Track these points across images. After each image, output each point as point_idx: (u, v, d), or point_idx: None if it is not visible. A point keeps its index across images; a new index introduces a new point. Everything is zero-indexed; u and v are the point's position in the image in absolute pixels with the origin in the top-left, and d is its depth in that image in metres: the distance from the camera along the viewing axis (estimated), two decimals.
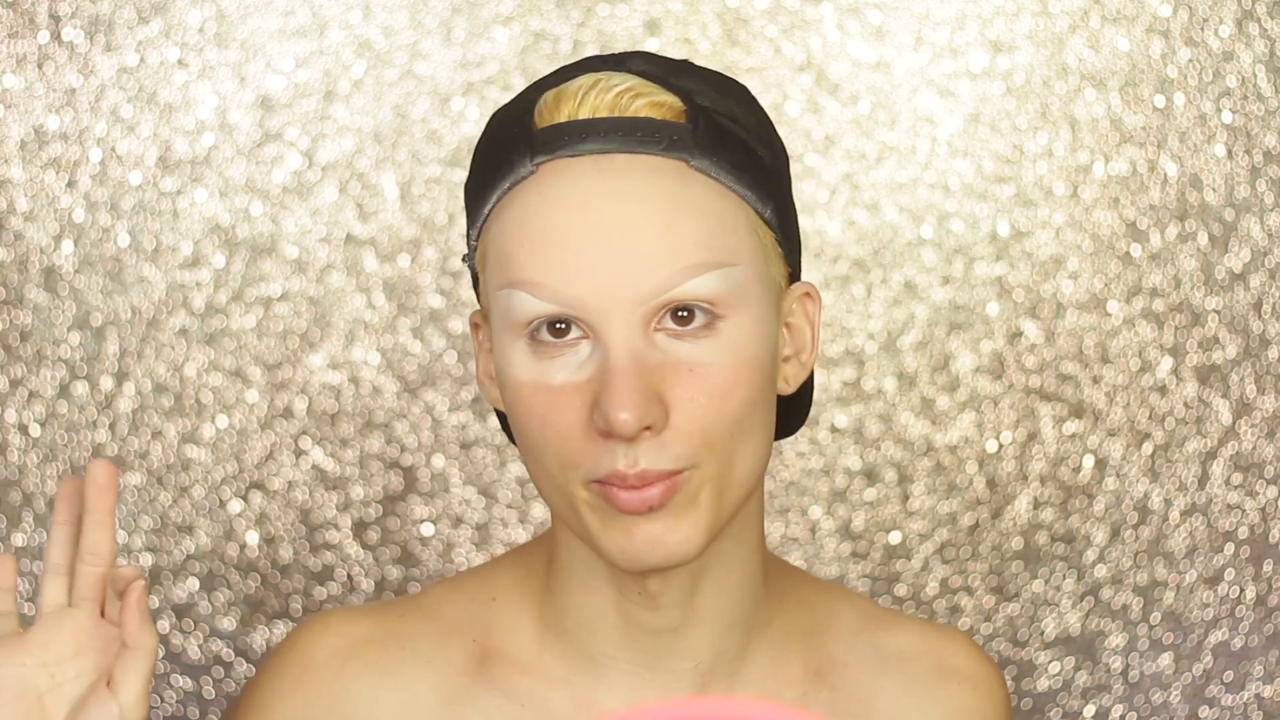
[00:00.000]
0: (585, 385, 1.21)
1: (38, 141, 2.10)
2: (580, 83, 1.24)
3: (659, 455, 1.21)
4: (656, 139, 1.22)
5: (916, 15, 2.12)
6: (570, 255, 1.20)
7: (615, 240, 1.20)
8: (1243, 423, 2.15)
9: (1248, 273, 2.14)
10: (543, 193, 1.22)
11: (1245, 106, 2.13)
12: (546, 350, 1.22)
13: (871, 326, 2.14)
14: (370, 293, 2.11)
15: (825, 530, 2.15)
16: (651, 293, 1.20)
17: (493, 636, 1.33)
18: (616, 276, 1.20)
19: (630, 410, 1.18)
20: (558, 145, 1.22)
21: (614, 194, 1.21)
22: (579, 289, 1.20)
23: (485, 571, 1.37)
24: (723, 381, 1.22)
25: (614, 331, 1.20)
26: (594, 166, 1.21)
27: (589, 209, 1.21)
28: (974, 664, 1.39)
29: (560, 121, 1.23)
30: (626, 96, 1.23)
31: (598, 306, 1.20)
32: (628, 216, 1.20)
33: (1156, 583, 2.16)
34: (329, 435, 2.12)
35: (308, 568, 2.12)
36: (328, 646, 1.34)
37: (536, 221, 1.21)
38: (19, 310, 2.10)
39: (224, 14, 2.10)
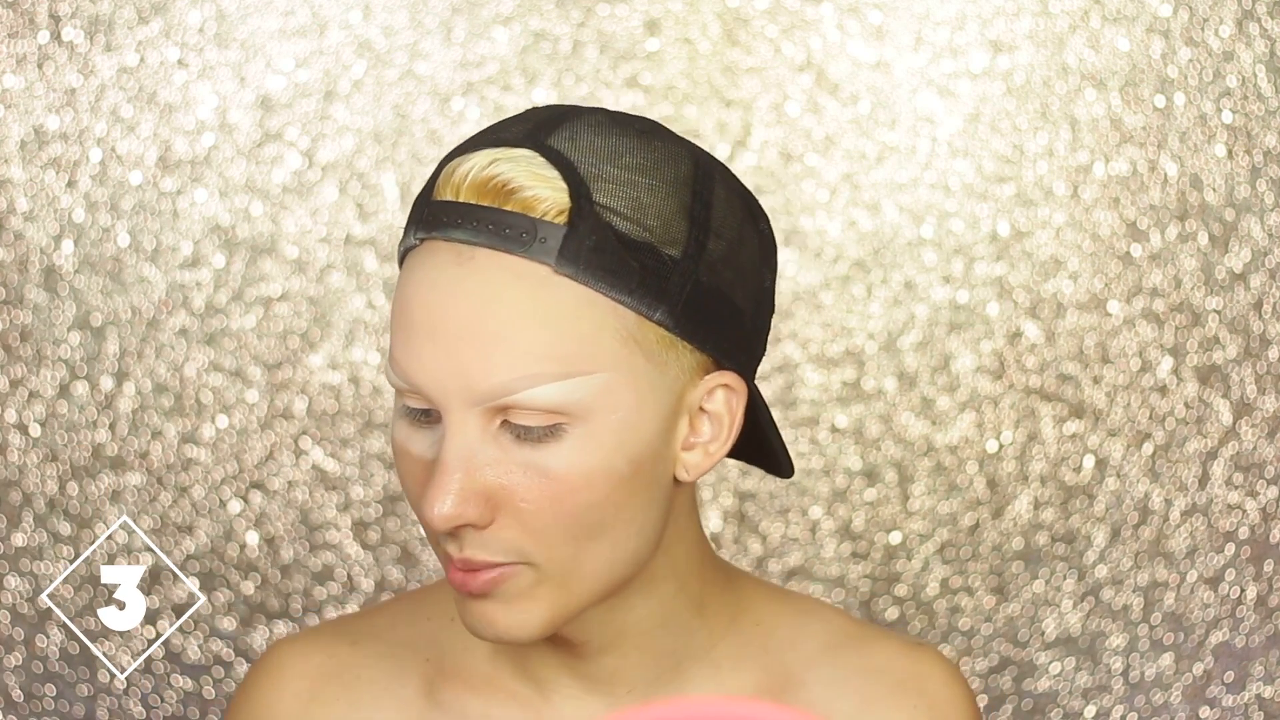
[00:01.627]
0: (431, 462, 1.23)
1: (38, 141, 2.10)
2: (474, 160, 1.23)
3: (483, 548, 1.22)
4: (523, 240, 1.21)
5: (916, 15, 2.12)
6: (418, 344, 1.21)
7: (457, 339, 1.20)
8: (1243, 423, 2.15)
9: (1248, 273, 2.14)
10: (414, 271, 1.23)
11: (1245, 106, 2.13)
12: (413, 417, 1.24)
13: (871, 326, 2.14)
14: (370, 293, 2.11)
15: (825, 530, 2.15)
16: (486, 395, 1.20)
17: (447, 656, 1.34)
18: (454, 374, 1.20)
19: (442, 508, 1.20)
20: (434, 225, 1.22)
21: (465, 293, 1.21)
22: (422, 377, 1.21)
23: (444, 590, 1.37)
24: (561, 487, 1.22)
25: (452, 423, 1.21)
26: (455, 258, 1.21)
27: (440, 303, 1.21)
28: (938, 683, 1.37)
29: (443, 199, 1.23)
30: (508, 188, 1.21)
31: (439, 397, 1.21)
32: (473, 317, 1.20)
33: (1157, 583, 2.15)
34: (329, 435, 2.12)
35: (308, 568, 2.12)
36: (290, 690, 1.35)
37: (402, 299, 1.23)
38: (19, 310, 2.10)
39: (224, 14, 2.10)
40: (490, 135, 1.25)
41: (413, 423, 1.23)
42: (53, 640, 2.10)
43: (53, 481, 2.11)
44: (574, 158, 1.23)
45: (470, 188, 1.22)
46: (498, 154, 1.22)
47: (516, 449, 1.21)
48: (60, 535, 2.10)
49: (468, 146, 1.24)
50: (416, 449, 1.23)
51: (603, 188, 1.22)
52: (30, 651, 2.10)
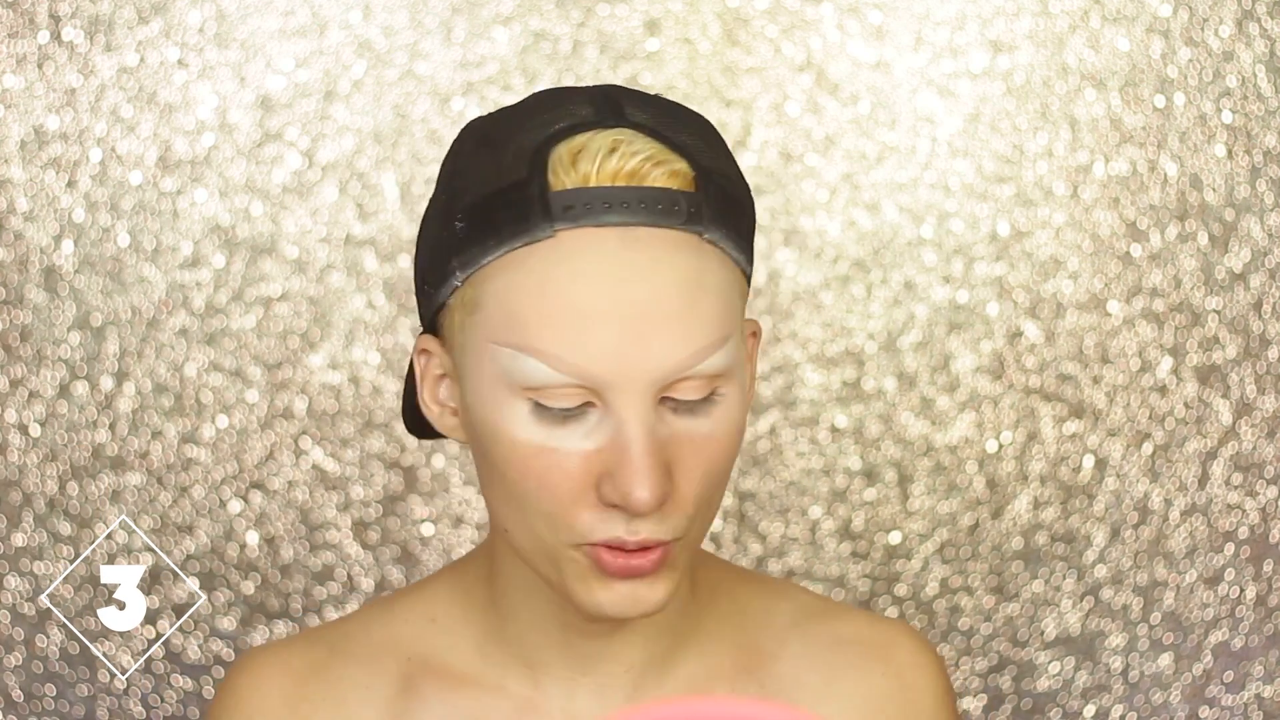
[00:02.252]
0: (594, 454, 1.21)
1: (38, 141, 2.10)
2: (597, 144, 1.23)
3: (659, 527, 1.22)
4: (676, 213, 1.22)
5: (916, 15, 2.12)
6: (592, 332, 1.20)
7: (637, 320, 1.20)
8: (1243, 423, 2.15)
9: (1248, 273, 2.14)
10: (564, 262, 1.21)
11: (1245, 106, 2.13)
12: (552, 415, 1.22)
13: (871, 326, 2.14)
14: (370, 293, 2.11)
15: (825, 530, 2.15)
16: (670, 372, 1.21)
17: (429, 655, 1.34)
18: (636, 356, 1.20)
19: (651, 490, 1.20)
20: (581, 215, 1.21)
21: (638, 272, 1.21)
22: (598, 365, 1.20)
23: (419, 591, 1.37)
24: (718, 453, 1.24)
25: (629, 406, 1.21)
26: (618, 241, 1.21)
27: (613, 286, 1.20)
28: (905, 650, 1.38)
29: (580, 187, 1.22)
30: (647, 165, 1.22)
31: (615, 381, 1.20)
32: (650, 295, 1.20)
33: (1156, 583, 2.16)
34: (329, 435, 2.12)
35: (308, 568, 2.12)
36: (276, 690, 1.35)
37: (557, 291, 1.21)
38: (19, 310, 2.10)
39: (224, 14, 2.10)
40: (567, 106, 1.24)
41: (553, 420, 1.22)
42: (53, 640, 2.10)
43: (53, 481, 2.11)
44: (666, 131, 1.24)
45: (607, 171, 1.21)
46: (615, 138, 1.23)
47: (678, 422, 1.22)
48: (60, 535, 2.10)
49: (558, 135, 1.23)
50: (567, 444, 1.22)
51: (700, 155, 1.25)
52: (30, 651, 2.10)
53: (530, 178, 1.22)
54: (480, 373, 1.24)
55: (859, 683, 1.37)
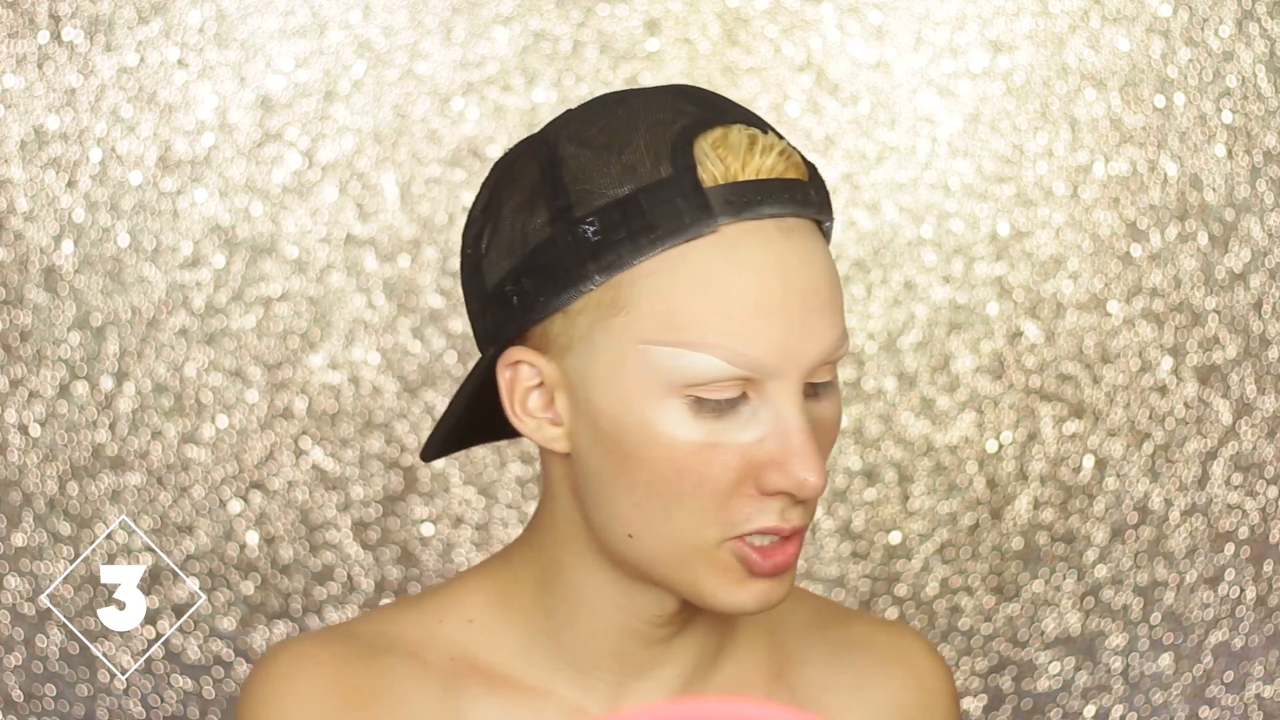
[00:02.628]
0: (755, 445, 1.23)
1: (38, 141, 2.10)
2: (734, 138, 1.24)
3: (804, 513, 1.25)
4: (811, 202, 1.24)
5: (916, 15, 2.12)
6: (762, 323, 1.22)
7: (804, 304, 1.23)
8: (1243, 423, 2.15)
9: (1248, 273, 2.14)
10: (727, 256, 1.22)
11: (1245, 106, 2.13)
12: (711, 409, 1.23)
13: (871, 326, 2.14)
14: (370, 293, 2.11)
15: (825, 530, 2.15)
16: (821, 356, 1.24)
17: (473, 657, 1.34)
18: (798, 343, 1.22)
19: (819, 474, 1.22)
20: (741, 208, 1.22)
21: (801, 258, 1.23)
22: (766, 355, 1.22)
23: (453, 593, 1.36)
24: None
25: (790, 395, 1.23)
26: (779, 231, 1.23)
27: (778, 276, 1.22)
28: (921, 657, 1.41)
29: (734, 181, 1.23)
30: (783, 159, 1.24)
31: (777, 369, 1.22)
32: (809, 284, 1.23)
33: (1156, 583, 2.15)
34: (329, 435, 2.12)
35: (308, 568, 2.12)
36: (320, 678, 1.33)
37: (724, 285, 1.22)
38: (19, 310, 2.10)
39: (224, 14, 2.10)
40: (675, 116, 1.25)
41: (711, 415, 1.23)
42: (53, 640, 2.10)
43: (53, 481, 2.11)
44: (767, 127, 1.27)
45: (753, 165, 1.23)
46: (750, 133, 1.25)
47: (814, 408, 1.25)
48: (60, 535, 2.10)
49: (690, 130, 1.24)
50: (727, 438, 1.23)
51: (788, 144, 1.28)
52: (30, 651, 2.10)
53: (677, 175, 1.23)
54: (622, 375, 1.24)
55: (884, 687, 1.39)
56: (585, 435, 1.26)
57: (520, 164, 1.27)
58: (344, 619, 2.10)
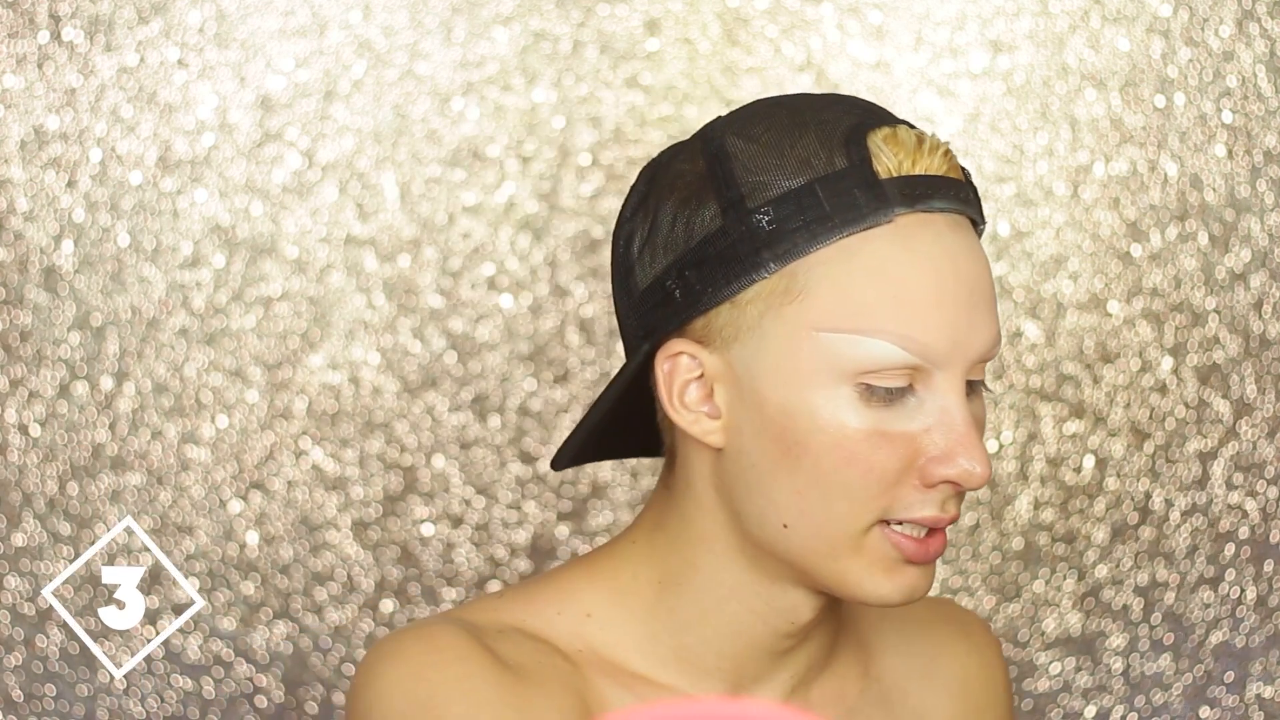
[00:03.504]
0: (919, 433, 1.26)
1: (38, 141, 2.10)
2: (903, 135, 1.28)
3: (959, 503, 1.28)
4: (971, 201, 1.28)
5: (916, 15, 2.12)
6: (936, 310, 1.25)
7: (971, 297, 1.26)
8: (1243, 423, 2.15)
9: (1248, 273, 2.14)
10: (905, 245, 1.26)
11: (1245, 106, 2.13)
12: (881, 398, 1.26)
13: None
14: (370, 293, 2.11)
15: None
16: (985, 351, 1.27)
17: (596, 649, 1.34)
18: (965, 334, 1.26)
19: (985, 465, 1.25)
20: (915, 200, 1.26)
21: (968, 253, 1.26)
22: (939, 344, 1.25)
23: (565, 586, 1.36)
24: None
25: (954, 387, 1.26)
26: (948, 225, 1.27)
27: (952, 266, 1.26)
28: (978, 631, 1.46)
29: (908, 175, 1.26)
30: (948, 159, 1.28)
31: (946, 361, 1.25)
32: (977, 275, 1.27)
33: (1157, 583, 2.15)
34: (329, 435, 2.12)
35: (308, 568, 2.12)
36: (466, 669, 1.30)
37: (901, 275, 1.25)
38: (19, 310, 2.10)
39: (224, 14, 2.10)
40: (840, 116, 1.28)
41: (879, 403, 1.25)
42: (53, 640, 2.10)
43: (53, 481, 2.11)
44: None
45: (923, 162, 1.27)
46: (917, 132, 1.28)
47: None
48: (60, 535, 2.10)
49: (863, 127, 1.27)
50: (896, 426, 1.26)
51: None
52: (30, 651, 2.10)
53: (853, 166, 1.26)
54: (795, 362, 1.26)
55: (952, 662, 1.43)
56: (748, 426, 1.28)
57: (679, 162, 1.30)
58: (344, 619, 2.10)
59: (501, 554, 2.12)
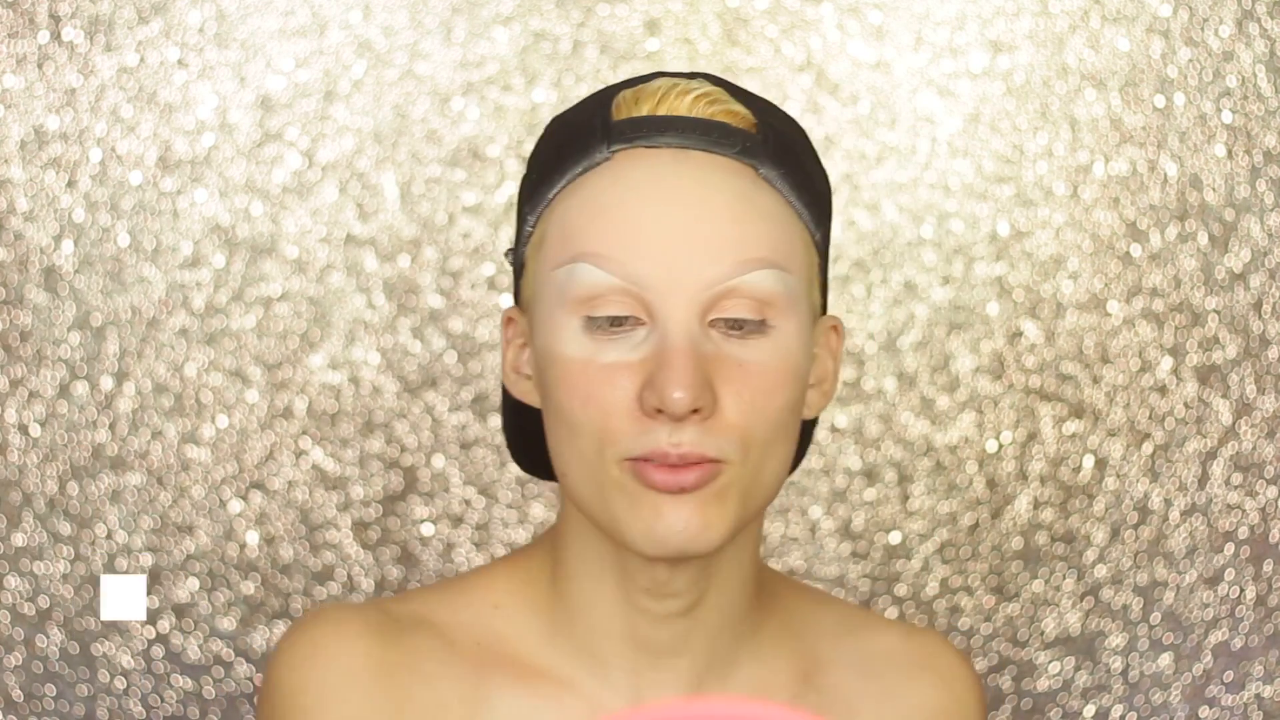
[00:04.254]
0: (638, 365, 1.24)
1: (38, 141, 2.10)
2: (659, 83, 1.28)
3: (701, 440, 1.23)
4: (730, 141, 1.26)
5: (916, 15, 2.12)
6: (641, 233, 1.24)
7: (687, 225, 1.24)
8: (1243, 423, 2.15)
9: (1248, 273, 2.14)
10: (618, 176, 1.26)
11: (1245, 106, 2.14)
12: (602, 331, 1.24)
13: (871, 326, 2.14)
14: (370, 293, 2.11)
15: (825, 530, 2.15)
16: (715, 279, 1.23)
17: (498, 643, 1.34)
18: (684, 259, 1.23)
19: (686, 390, 1.21)
20: (636, 135, 1.26)
21: (689, 184, 1.25)
22: (646, 266, 1.23)
23: (478, 579, 1.37)
24: (769, 383, 1.25)
25: (674, 315, 1.23)
26: (671, 158, 1.25)
27: (664, 194, 1.24)
28: (949, 664, 1.41)
29: (638, 116, 1.27)
30: (704, 101, 1.27)
31: (662, 286, 1.23)
32: (700, 206, 1.24)
33: (1156, 583, 2.16)
34: (329, 435, 2.12)
35: (308, 568, 2.12)
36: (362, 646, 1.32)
37: (609, 201, 1.25)
38: (19, 310, 2.11)
39: (224, 14, 2.10)
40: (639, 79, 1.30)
41: (599, 333, 1.24)
42: (53, 640, 2.10)
43: (53, 481, 2.11)
44: (736, 90, 1.30)
45: (666, 104, 1.26)
46: (677, 80, 1.28)
47: (727, 345, 1.24)
48: (60, 535, 2.10)
49: (624, 85, 1.29)
50: (611, 357, 1.24)
51: (767, 112, 1.30)
52: (30, 651, 2.10)
53: (594, 116, 1.28)
54: (545, 307, 1.27)
55: (913, 694, 1.39)
56: (538, 382, 1.30)
57: None
58: None
59: (501, 554, 2.12)
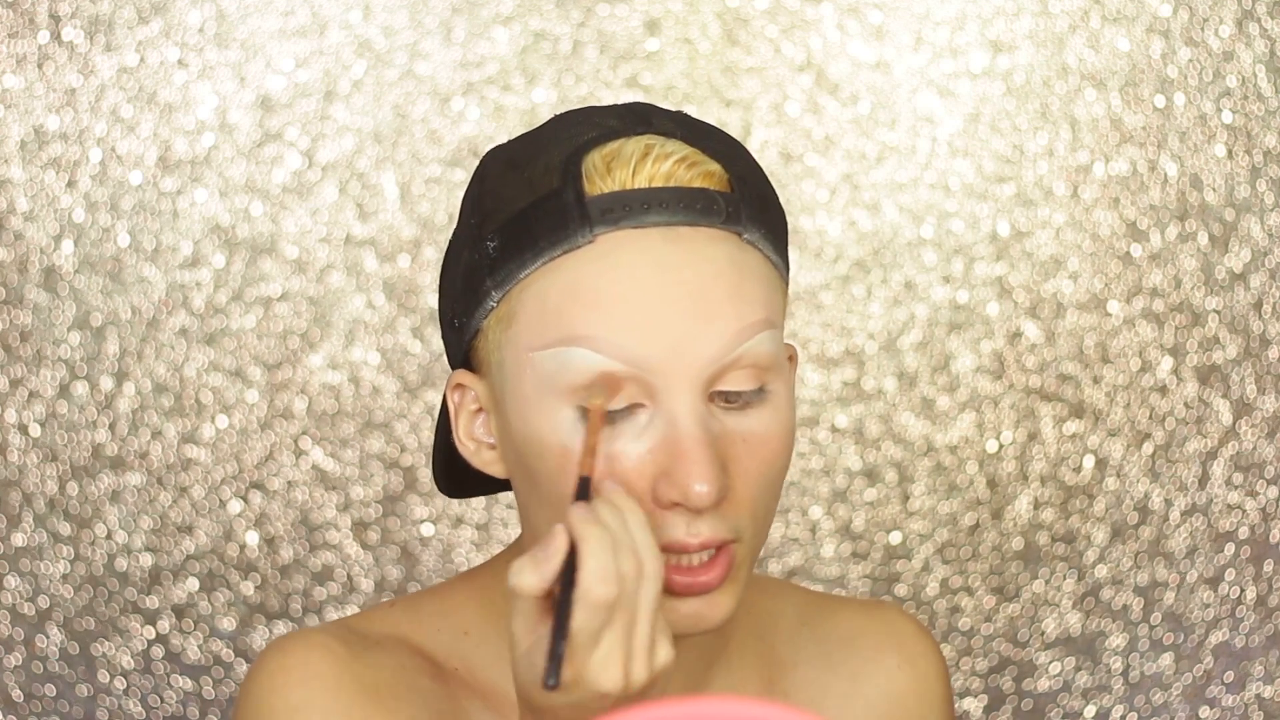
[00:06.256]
0: (648, 455, 1.19)
1: (38, 141, 2.10)
2: (631, 148, 1.22)
3: (720, 525, 1.20)
4: (716, 211, 1.21)
5: (916, 15, 2.12)
6: (640, 315, 1.19)
7: (684, 303, 1.19)
8: (1243, 423, 2.15)
9: (1248, 273, 2.14)
10: (605, 259, 1.20)
11: (1245, 106, 2.13)
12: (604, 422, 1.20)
13: (871, 326, 2.14)
14: (370, 293, 2.11)
15: (825, 530, 2.15)
16: (719, 354, 1.19)
17: (470, 671, 1.31)
18: (686, 337, 1.19)
19: (710, 482, 1.17)
20: (620, 216, 1.20)
21: (685, 261, 1.20)
22: (646, 348, 1.18)
23: (445, 601, 1.34)
24: (771, 452, 1.22)
25: (681, 397, 1.19)
26: (662, 238, 1.20)
27: (658, 275, 1.19)
28: (911, 640, 1.38)
29: (618, 190, 1.21)
30: (682, 166, 1.21)
31: (665, 368, 1.19)
32: (696, 282, 1.19)
33: (1157, 583, 2.15)
34: (329, 435, 2.12)
35: (308, 568, 2.12)
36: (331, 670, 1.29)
37: (601, 285, 1.19)
38: (19, 310, 2.11)
39: (224, 14, 2.10)
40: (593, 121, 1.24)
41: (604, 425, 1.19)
42: (53, 640, 2.10)
43: (53, 481, 2.11)
44: (695, 137, 1.24)
45: (644, 174, 1.21)
46: (648, 142, 1.22)
47: (729, 419, 1.20)
48: (60, 535, 2.10)
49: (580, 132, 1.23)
50: (618, 447, 1.19)
51: (732, 160, 1.24)
52: (30, 651, 2.10)
53: (564, 186, 1.21)
54: (521, 387, 1.22)
55: (878, 678, 1.36)
56: (508, 455, 1.25)
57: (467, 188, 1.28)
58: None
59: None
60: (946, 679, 1.40)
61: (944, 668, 1.40)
